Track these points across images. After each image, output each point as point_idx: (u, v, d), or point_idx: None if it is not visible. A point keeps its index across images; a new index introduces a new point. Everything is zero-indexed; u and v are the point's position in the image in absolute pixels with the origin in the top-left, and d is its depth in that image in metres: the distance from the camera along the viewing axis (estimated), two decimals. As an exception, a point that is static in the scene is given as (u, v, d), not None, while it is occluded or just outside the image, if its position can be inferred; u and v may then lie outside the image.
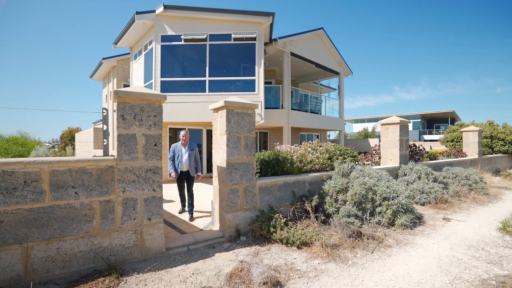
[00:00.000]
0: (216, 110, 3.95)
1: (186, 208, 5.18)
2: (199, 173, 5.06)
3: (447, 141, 14.61)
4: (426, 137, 38.62)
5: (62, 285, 2.50)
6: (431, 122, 42.38)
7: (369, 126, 44.11)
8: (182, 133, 4.89)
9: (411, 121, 41.35)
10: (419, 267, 2.98)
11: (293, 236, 3.42)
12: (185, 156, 4.84)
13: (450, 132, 14.78)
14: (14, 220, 2.44)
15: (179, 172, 4.83)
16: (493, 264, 3.09)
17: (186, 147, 4.89)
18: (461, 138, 12.86)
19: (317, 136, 15.35)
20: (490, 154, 12.23)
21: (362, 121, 48.22)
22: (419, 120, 40.95)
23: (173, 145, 4.95)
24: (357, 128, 47.43)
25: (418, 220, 4.55)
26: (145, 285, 2.54)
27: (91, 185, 2.77)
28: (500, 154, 12.38)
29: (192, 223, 4.54)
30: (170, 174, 4.88)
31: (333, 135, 31.55)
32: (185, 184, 5.02)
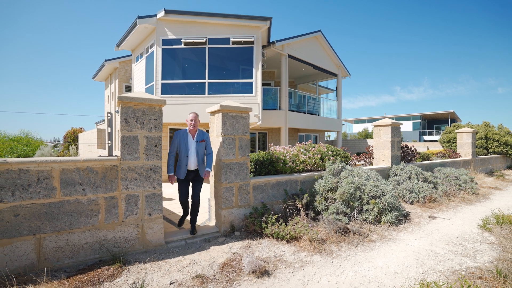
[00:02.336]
0: (213, 113, 4.21)
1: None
2: (208, 169, 3.83)
3: (444, 142, 14.84)
4: (426, 137, 38.79)
5: (71, 272, 2.77)
6: (431, 123, 42.54)
7: (369, 126, 44.32)
8: (190, 116, 3.71)
9: (411, 121, 41.54)
10: (397, 260, 3.23)
11: (283, 231, 3.68)
12: (194, 150, 3.71)
13: (446, 133, 15.00)
14: (29, 213, 2.71)
15: (185, 171, 3.70)
16: (467, 257, 3.34)
17: (195, 137, 3.76)
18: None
19: (316, 137, 15.60)
20: (485, 155, 12.45)
21: (363, 121, 48.42)
22: (419, 120, 41.11)
23: (177, 132, 3.73)
24: (358, 128, 47.66)
25: (404, 218, 4.81)
26: (146, 273, 2.80)
27: (97, 182, 3.05)
28: (495, 155, 12.59)
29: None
30: (168, 176, 3.73)
31: (333, 135, 31.78)
32: (190, 189, 3.90)
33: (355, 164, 6.68)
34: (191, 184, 3.94)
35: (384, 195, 4.67)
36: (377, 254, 3.38)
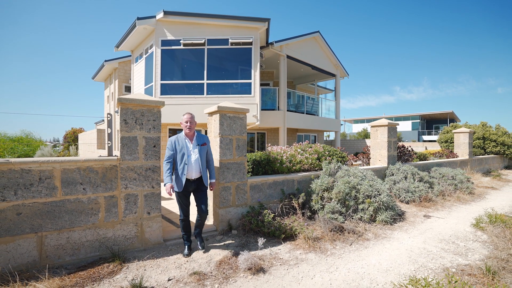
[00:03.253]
0: (211, 114, 4.29)
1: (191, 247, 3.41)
2: (213, 180, 3.45)
3: (442, 142, 14.93)
4: (425, 137, 38.91)
5: (72, 269, 2.84)
6: (431, 123, 42.69)
7: (369, 126, 44.30)
8: (185, 117, 3.28)
9: (411, 121, 41.66)
10: (390, 258, 3.31)
11: (279, 230, 3.76)
12: (194, 155, 3.25)
13: (444, 133, 15.09)
14: (31, 212, 2.79)
15: (183, 182, 3.18)
16: (459, 255, 3.42)
17: (194, 140, 3.32)
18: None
19: (315, 137, 15.68)
20: (483, 155, 12.54)
21: (362, 121, 48.55)
22: (419, 120, 41.24)
23: (172, 138, 3.30)
24: (357, 128, 47.78)
25: (399, 217, 4.89)
26: (145, 270, 2.88)
27: (97, 182, 3.12)
28: (492, 155, 12.68)
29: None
30: (165, 186, 3.12)
31: (332, 135, 31.88)
32: (195, 200, 3.38)
33: (352, 164, 6.76)
34: (192, 196, 3.42)
35: (379, 195, 4.75)
36: (370, 252, 3.46)
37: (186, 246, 3.34)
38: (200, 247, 3.39)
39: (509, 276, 2.80)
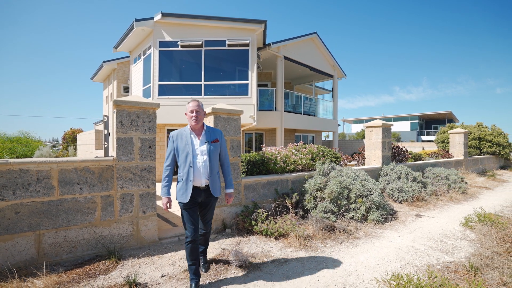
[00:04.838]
0: (205, 115, 4.38)
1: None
2: (231, 190, 2.72)
3: (439, 142, 15.06)
4: (424, 137, 39.08)
5: (69, 266, 2.94)
6: (429, 123, 42.85)
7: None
8: (190, 105, 2.50)
9: (409, 121, 41.82)
10: (378, 255, 3.41)
11: (272, 229, 3.85)
12: (202, 156, 2.50)
13: (441, 133, 15.21)
14: (29, 211, 2.88)
15: (190, 191, 2.43)
16: (445, 253, 3.52)
17: (201, 136, 2.55)
18: (451, 140, 13.27)
19: (313, 137, 15.78)
20: (478, 155, 12.65)
21: (361, 121, 48.68)
22: (417, 121, 41.39)
23: (173, 133, 2.56)
24: (356, 128, 47.94)
25: (390, 216, 4.99)
26: (139, 267, 2.98)
27: (94, 182, 3.22)
28: (488, 155, 12.79)
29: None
30: (162, 199, 2.53)
31: (332, 136, 32.00)
32: (200, 213, 2.67)
33: (346, 164, 6.86)
34: (202, 209, 2.68)
35: (371, 194, 4.85)
36: (360, 250, 3.55)
37: (193, 284, 2.44)
38: (202, 269, 2.80)
39: (491, 273, 2.89)
